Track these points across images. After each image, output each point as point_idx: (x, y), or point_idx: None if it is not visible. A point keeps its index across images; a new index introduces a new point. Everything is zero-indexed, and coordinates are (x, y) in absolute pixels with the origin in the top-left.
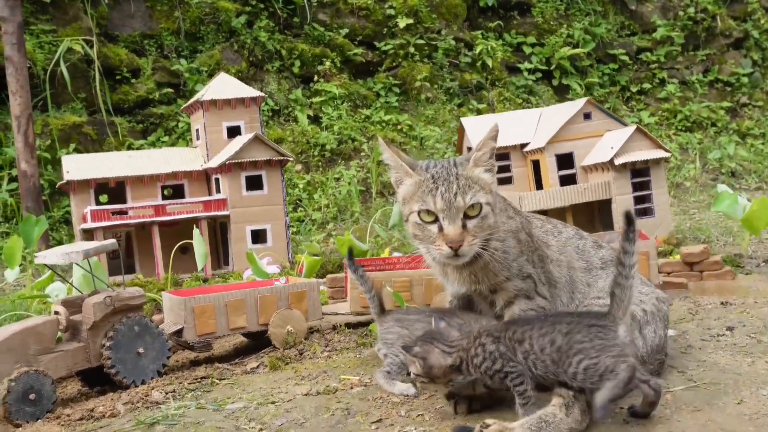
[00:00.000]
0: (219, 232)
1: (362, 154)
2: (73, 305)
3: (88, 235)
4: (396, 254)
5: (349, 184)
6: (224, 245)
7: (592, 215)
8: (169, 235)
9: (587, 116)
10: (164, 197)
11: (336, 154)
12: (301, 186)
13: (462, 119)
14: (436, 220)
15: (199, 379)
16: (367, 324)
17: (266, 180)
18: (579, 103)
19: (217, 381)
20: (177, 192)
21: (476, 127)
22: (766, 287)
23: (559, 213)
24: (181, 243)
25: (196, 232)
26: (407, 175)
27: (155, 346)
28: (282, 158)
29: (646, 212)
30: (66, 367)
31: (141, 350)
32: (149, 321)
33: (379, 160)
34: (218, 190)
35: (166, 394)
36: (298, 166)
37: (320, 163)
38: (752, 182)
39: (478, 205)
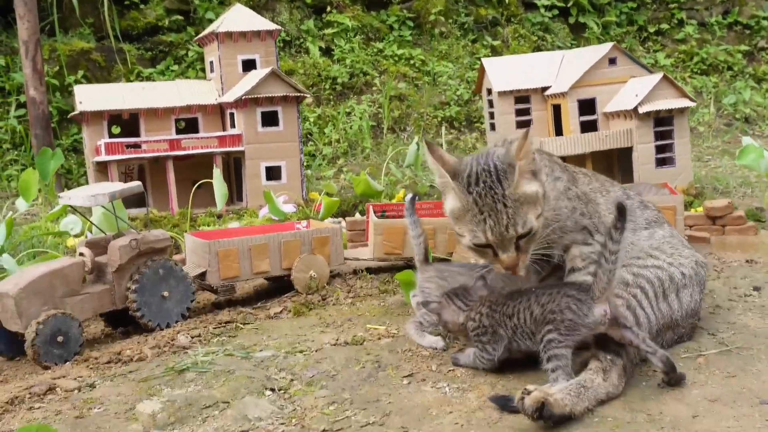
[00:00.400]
0: (233, 168)
1: (374, 88)
2: (97, 246)
3: (101, 168)
4: (409, 194)
5: (360, 119)
6: (238, 181)
7: (611, 163)
8: (183, 169)
9: (612, 61)
10: (177, 130)
11: (347, 87)
12: (311, 119)
13: (483, 60)
14: (489, 244)
15: (223, 324)
16: (389, 270)
17: (282, 116)
18: (604, 48)
19: (242, 326)
20: (190, 125)
21: (497, 68)
22: None
23: (579, 160)
24: (199, 182)
25: (216, 171)
26: (451, 188)
27: (180, 289)
28: (298, 95)
29: (666, 161)
30: (92, 310)
31: (166, 293)
32: (174, 264)
33: (391, 95)
34: (233, 125)
35: (192, 338)
36: (309, 99)
37: (331, 97)
38: (766, 129)
39: (529, 228)
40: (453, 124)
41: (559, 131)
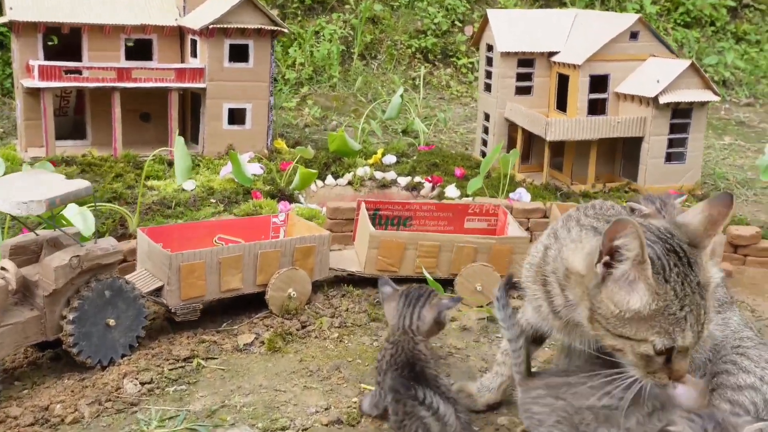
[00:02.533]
0: (190, 105)
1: (347, 6)
2: (24, 252)
3: (32, 92)
4: (390, 157)
5: (330, 41)
6: (195, 122)
7: (614, 153)
8: (130, 98)
9: (634, 35)
10: (127, 51)
11: (318, 2)
12: None
13: (489, 11)
14: (670, 352)
15: (181, 361)
16: (376, 283)
17: (253, 52)
18: (627, 19)
19: (204, 364)
20: (143, 48)
21: (503, 23)
22: None
23: (583, 146)
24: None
25: (179, 141)
26: (643, 276)
27: (129, 314)
28: (275, 29)
29: (676, 157)
30: (14, 344)
31: (111, 321)
32: (124, 282)
33: (368, 17)
34: (193, 55)
35: (142, 386)
36: (274, 11)
37: (299, 12)
38: (742, 95)
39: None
40: (427, 56)
41: (561, 105)
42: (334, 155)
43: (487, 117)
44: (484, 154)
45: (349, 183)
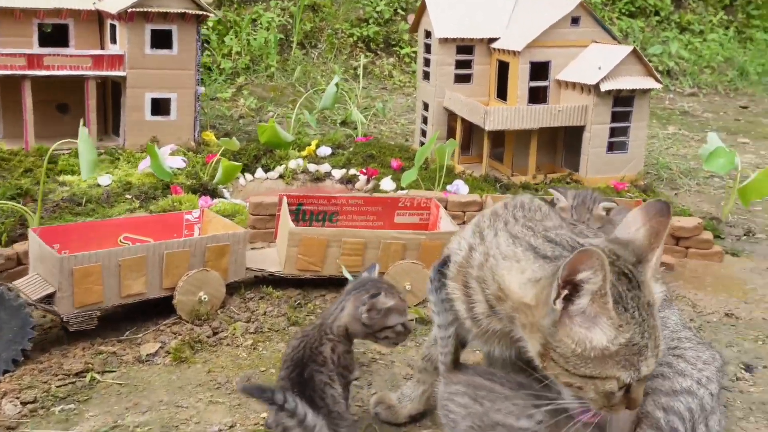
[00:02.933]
0: (110, 95)
1: None
2: None
3: None
4: (325, 149)
5: (267, 29)
6: (116, 112)
7: (555, 142)
8: (44, 88)
9: (575, 21)
10: (41, 37)
11: None
12: (210, 24)
13: None
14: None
15: (73, 375)
16: (300, 284)
17: (177, 37)
18: (569, 4)
19: (99, 378)
20: (59, 33)
21: (441, 8)
22: (761, 282)
23: (523, 135)
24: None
25: (83, 132)
26: (604, 310)
27: (13, 325)
28: (200, 13)
29: (618, 146)
30: None
31: None
32: (6, 289)
33: (308, 4)
34: (113, 41)
35: (24, 407)
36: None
37: None
38: (686, 85)
39: None
40: (369, 45)
41: (502, 94)
42: (266, 147)
43: (426, 106)
44: (422, 145)
45: (281, 176)
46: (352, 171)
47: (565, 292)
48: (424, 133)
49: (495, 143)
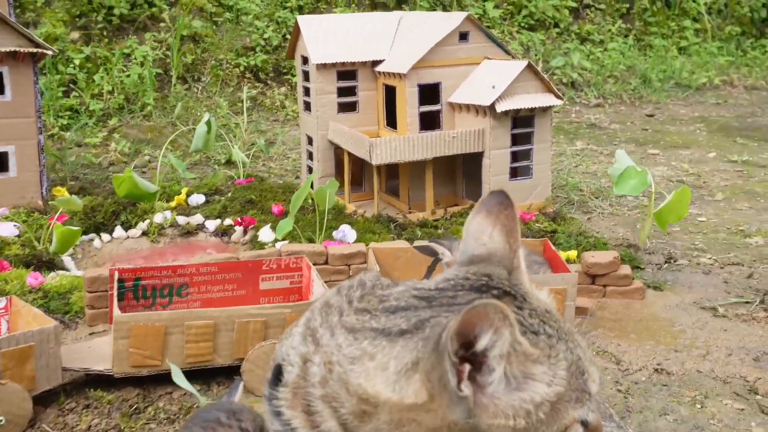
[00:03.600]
0: None
1: (162, 24)
2: None
3: None
4: (198, 197)
5: (142, 64)
6: None
7: (454, 171)
8: None
9: (463, 37)
10: None
11: (127, 21)
12: (77, 62)
13: (299, 18)
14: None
15: None
16: (139, 380)
17: (10, 81)
18: (455, 19)
19: None
20: None
21: (316, 30)
22: (688, 321)
23: (419, 166)
24: None
25: None
26: (524, 356)
27: None
28: (37, 51)
29: (521, 172)
30: None
31: None
32: None
33: (183, 35)
34: None
35: None
36: (75, 35)
37: (105, 32)
38: (591, 96)
39: None
40: (258, 75)
41: (391, 121)
42: (127, 200)
43: (310, 140)
44: (312, 186)
45: (144, 233)
46: (228, 221)
47: (468, 368)
48: (311, 170)
49: (390, 175)
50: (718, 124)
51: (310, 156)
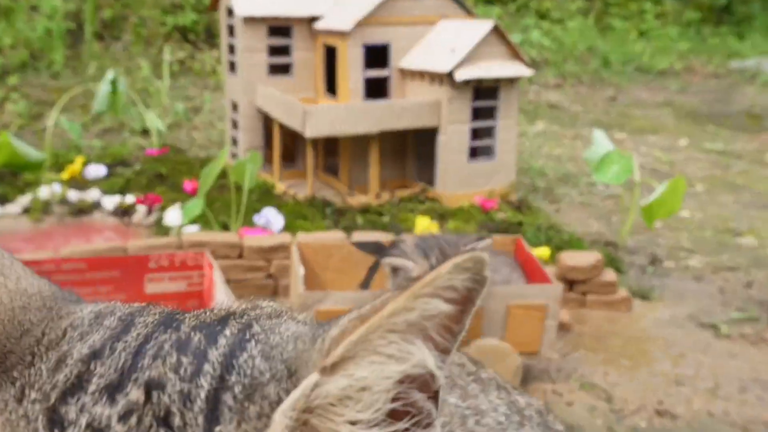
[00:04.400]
0: None
1: None
2: None
3: None
4: (98, 167)
5: (51, 17)
6: None
7: (404, 148)
8: None
9: None
10: None
11: None
12: None
13: None
14: None
15: None
16: None
17: None
18: None
19: None
20: None
21: None
22: (687, 342)
23: (360, 142)
24: None
25: None
26: None
27: None
28: None
29: (482, 152)
30: None
31: None
32: None
33: None
34: None
35: None
36: None
37: None
38: (550, 76)
39: None
40: (187, 36)
41: (332, 87)
42: (6, 170)
43: (235, 107)
44: (235, 158)
45: (26, 211)
46: (131, 198)
47: None
48: (235, 141)
49: (329, 150)
50: (686, 110)
51: (236, 125)
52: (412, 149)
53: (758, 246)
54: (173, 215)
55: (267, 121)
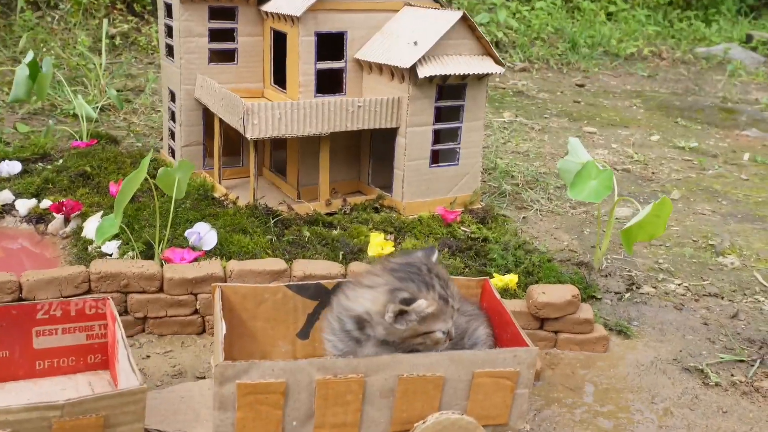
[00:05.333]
0: None
1: None
2: None
3: None
4: (12, 164)
5: None
6: None
7: (358, 150)
8: None
9: None
10: None
11: None
12: None
13: None
14: None
15: None
16: None
17: None
18: None
19: None
20: None
21: None
22: (672, 393)
23: (311, 142)
24: None
25: None
26: None
27: None
28: None
29: (443, 157)
30: None
31: None
32: None
33: None
34: None
35: None
36: None
37: None
38: (517, 59)
39: None
40: (132, 7)
41: (281, 79)
42: None
43: (173, 96)
44: (173, 154)
45: None
46: (47, 203)
47: None
48: (173, 135)
49: (277, 145)
50: (656, 101)
51: (174, 117)
52: (368, 151)
53: (741, 267)
54: (95, 225)
55: (207, 113)
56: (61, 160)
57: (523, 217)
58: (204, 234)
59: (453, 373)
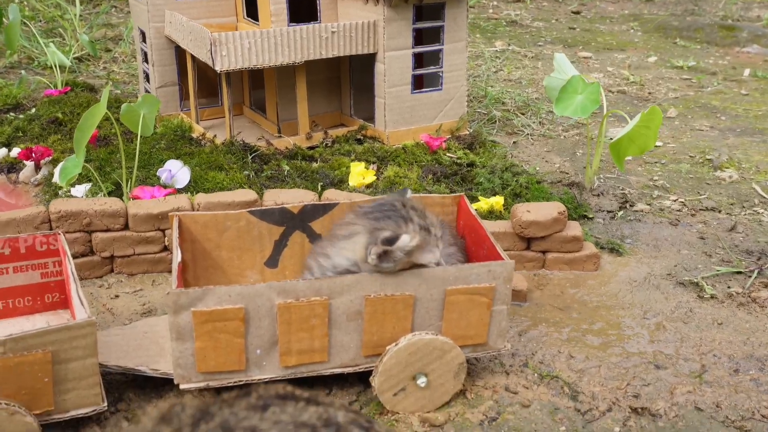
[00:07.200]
0: None
1: None
2: None
3: None
4: None
5: None
6: None
7: (338, 80)
8: None
9: None
10: None
11: None
12: None
13: None
14: None
15: None
16: None
17: None
18: None
19: None
20: None
21: None
22: (666, 307)
23: (289, 75)
24: None
25: None
26: None
27: None
28: None
29: (426, 82)
30: None
31: None
32: None
33: None
34: None
35: None
36: None
37: None
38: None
39: None
40: None
41: (253, 11)
42: None
43: (144, 36)
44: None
45: None
46: (18, 151)
47: None
48: (148, 77)
49: (256, 82)
50: (654, 24)
51: (146, 58)
52: (348, 81)
53: (740, 180)
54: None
55: (181, 53)
56: (33, 109)
57: (514, 142)
58: (176, 171)
59: (424, 292)
